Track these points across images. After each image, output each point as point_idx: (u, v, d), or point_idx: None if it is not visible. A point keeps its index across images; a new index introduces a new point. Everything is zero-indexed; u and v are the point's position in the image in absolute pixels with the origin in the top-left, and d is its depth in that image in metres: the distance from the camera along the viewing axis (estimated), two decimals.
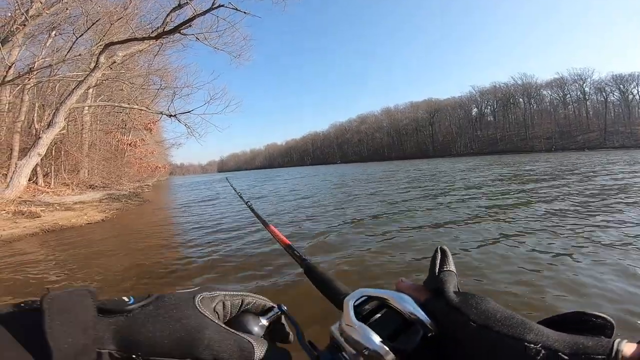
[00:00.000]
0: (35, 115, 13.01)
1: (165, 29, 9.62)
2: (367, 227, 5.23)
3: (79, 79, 9.56)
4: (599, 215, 4.98)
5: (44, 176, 14.00)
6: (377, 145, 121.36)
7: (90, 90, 13.93)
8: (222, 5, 9.74)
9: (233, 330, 0.39)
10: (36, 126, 12.31)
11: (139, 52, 10.46)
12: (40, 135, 8.83)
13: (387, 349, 0.33)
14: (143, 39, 9.40)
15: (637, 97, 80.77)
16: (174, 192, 20.70)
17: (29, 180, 10.18)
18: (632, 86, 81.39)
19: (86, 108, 15.57)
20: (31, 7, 8.45)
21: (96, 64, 8.93)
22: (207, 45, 11.17)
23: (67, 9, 9.67)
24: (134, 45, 9.57)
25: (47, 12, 8.89)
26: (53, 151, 13.98)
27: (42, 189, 12.46)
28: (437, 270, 0.38)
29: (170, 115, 11.00)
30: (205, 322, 0.37)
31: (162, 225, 7.26)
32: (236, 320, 0.43)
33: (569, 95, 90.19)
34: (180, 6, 9.81)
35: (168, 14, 9.81)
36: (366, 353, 0.34)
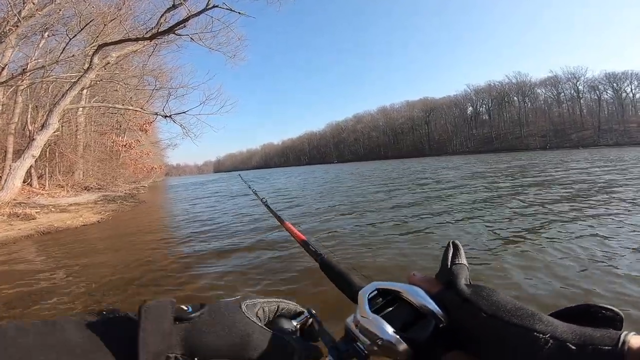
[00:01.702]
0: (29, 116, 12.92)
1: (159, 30, 9.61)
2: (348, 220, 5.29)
3: (72, 80, 9.52)
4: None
5: (38, 178, 13.91)
6: (373, 144, 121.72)
7: (84, 91, 13.86)
8: (217, 6, 9.75)
9: (274, 332, 0.44)
10: (30, 128, 12.23)
11: (133, 52, 10.44)
12: (34, 137, 8.78)
13: (400, 339, 0.35)
14: (137, 39, 9.38)
15: (631, 95, 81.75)
16: (169, 192, 20.69)
17: (24, 182, 10.12)
18: (625, 84, 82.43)
19: (80, 109, 15.48)
20: (24, 8, 8.41)
21: (90, 64, 8.89)
22: (201, 45, 11.18)
23: (60, 10, 9.63)
24: (128, 45, 9.55)
25: (40, 13, 8.85)
26: (47, 153, 13.89)
27: (37, 191, 12.39)
28: (449, 263, 0.39)
29: (166, 116, 10.99)
30: (253, 326, 0.42)
31: (158, 225, 7.26)
32: (273, 324, 0.47)
33: (562, 94, 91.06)
34: (174, 7, 9.80)
35: (162, 15, 9.80)
36: (380, 343, 0.36)
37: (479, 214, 5.54)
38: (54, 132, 9.37)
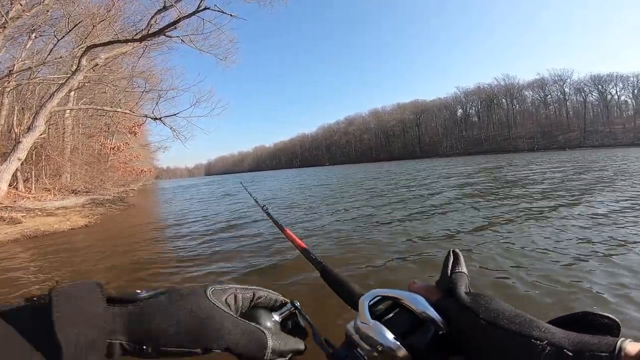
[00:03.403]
0: (15, 118, 12.67)
1: (149, 31, 9.53)
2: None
3: (60, 82, 9.38)
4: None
5: (24, 181, 13.61)
6: (365, 146, 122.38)
7: (72, 93, 13.65)
8: (208, 8, 9.72)
9: (244, 320, 0.39)
10: (16, 130, 12.00)
11: (122, 54, 10.33)
12: (20, 140, 8.60)
13: (400, 345, 0.35)
14: (126, 41, 9.30)
15: (616, 97, 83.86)
16: (159, 195, 20.45)
17: (9, 185, 9.90)
18: (610, 86, 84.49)
19: (67, 111, 15.21)
20: (11, 9, 8.27)
21: (78, 66, 8.78)
22: (192, 47, 11.13)
23: (48, 10, 9.50)
24: (117, 47, 9.45)
25: (28, 14, 8.72)
26: (34, 156, 13.62)
27: (23, 195, 12.13)
28: (449, 272, 0.40)
29: (155, 119, 10.88)
30: (216, 312, 0.37)
31: (148, 229, 7.19)
32: (248, 315, 0.43)
33: (549, 96, 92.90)
34: (165, 8, 9.74)
35: (153, 16, 9.74)
36: (380, 349, 0.36)
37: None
38: (41, 134, 9.20)
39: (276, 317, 0.45)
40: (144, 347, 0.34)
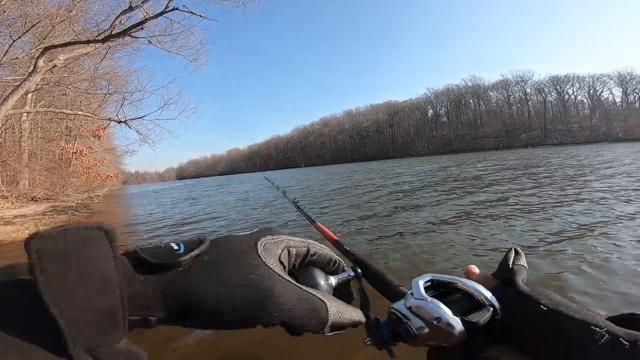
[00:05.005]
0: None
1: (112, 32, 9.23)
2: None
3: (15, 84, 8.88)
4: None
5: None
6: (339, 147, 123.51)
7: (30, 95, 12.90)
8: (176, 9, 9.54)
9: (305, 288, 0.34)
10: None
11: (83, 55, 9.91)
12: None
13: (459, 320, 0.36)
14: (88, 42, 8.95)
15: (573, 97, 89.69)
16: (127, 201, 19.76)
17: None
18: (567, 86, 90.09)
19: (25, 115, 14.34)
20: None
21: (34, 67, 8.35)
22: (160, 48, 10.87)
23: (4, 11, 8.97)
24: (78, 48, 9.08)
25: None
26: None
27: None
28: (510, 264, 0.41)
29: (120, 122, 10.52)
30: (276, 280, 0.31)
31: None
32: (302, 276, 0.38)
33: (512, 96, 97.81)
34: (131, 9, 9.45)
35: (117, 17, 9.42)
36: (436, 323, 0.36)
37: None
38: None
39: (333, 281, 0.41)
40: (186, 323, 0.29)
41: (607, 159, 15.40)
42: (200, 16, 10.10)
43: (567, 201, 5.58)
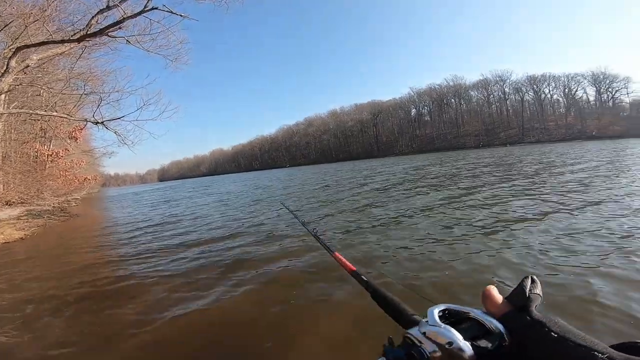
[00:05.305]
0: None
1: (88, 32, 9.01)
2: None
3: None
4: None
5: None
6: (324, 147, 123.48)
7: (2, 96, 12.41)
8: (155, 8, 9.39)
9: None
10: None
11: (58, 55, 9.64)
12: None
13: (469, 345, 0.40)
14: (62, 41, 8.70)
15: (549, 96, 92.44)
16: (106, 204, 19.29)
17: None
18: (544, 86, 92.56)
19: None
20: None
21: (6, 68, 8.07)
22: (139, 48, 10.66)
23: None
24: (52, 48, 8.83)
25: None
26: None
27: None
28: (527, 292, 0.43)
29: (97, 123, 10.27)
30: None
31: (91, 240, 6.87)
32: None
33: (492, 95, 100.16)
34: (108, 8, 9.23)
35: (94, 16, 9.20)
36: (447, 347, 0.40)
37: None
38: None
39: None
40: None
41: (572, 157, 16.38)
42: (181, 15, 9.99)
43: (521, 196, 6.29)
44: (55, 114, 11.83)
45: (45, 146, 18.67)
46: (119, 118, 10.68)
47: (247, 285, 3.14)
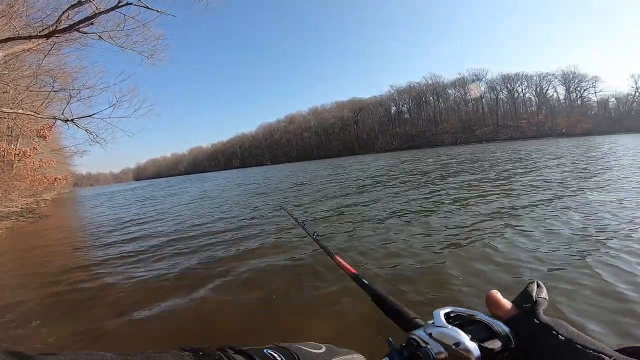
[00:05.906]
0: None
1: (58, 27, 8.67)
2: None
3: None
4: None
5: None
6: (305, 144, 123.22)
7: None
8: (130, 4, 9.12)
9: None
10: None
11: (25, 51, 9.23)
12: None
13: (476, 346, 0.40)
14: (30, 37, 8.34)
15: (522, 94, 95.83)
16: (77, 204, 18.63)
17: None
18: (517, 85, 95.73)
19: None
20: None
21: None
22: (112, 44, 10.34)
23: None
24: (18, 44, 8.45)
25: None
26: None
27: None
28: (534, 296, 0.44)
29: (66, 120, 9.90)
30: None
31: (64, 241, 6.69)
32: None
33: (468, 94, 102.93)
34: (80, 3, 8.90)
35: (64, 12, 8.85)
36: (454, 347, 0.40)
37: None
38: None
39: None
40: None
41: (536, 155, 17.22)
42: (157, 11, 9.77)
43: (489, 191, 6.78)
44: (21, 111, 11.29)
45: (12, 145, 17.74)
46: (89, 115, 10.32)
47: (242, 287, 3.20)
